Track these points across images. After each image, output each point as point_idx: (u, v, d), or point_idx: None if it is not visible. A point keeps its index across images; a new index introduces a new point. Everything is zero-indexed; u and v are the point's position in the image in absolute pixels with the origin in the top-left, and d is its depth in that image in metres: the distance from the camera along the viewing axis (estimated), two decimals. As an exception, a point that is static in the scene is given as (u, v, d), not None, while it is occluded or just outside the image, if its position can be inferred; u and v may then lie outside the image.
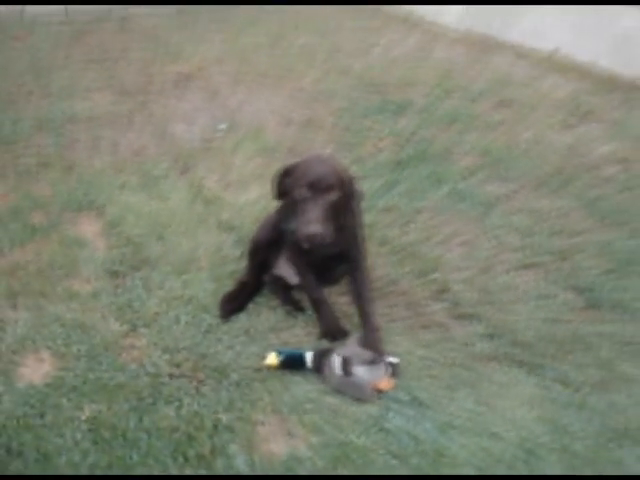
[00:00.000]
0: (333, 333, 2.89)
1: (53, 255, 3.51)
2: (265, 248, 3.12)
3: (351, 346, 2.72)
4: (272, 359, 2.74)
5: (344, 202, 2.64)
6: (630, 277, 3.35)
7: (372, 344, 2.71)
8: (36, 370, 2.76)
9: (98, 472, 2.30)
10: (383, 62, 6.67)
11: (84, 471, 2.30)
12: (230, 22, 8.04)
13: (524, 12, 7.16)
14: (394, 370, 2.65)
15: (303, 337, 2.94)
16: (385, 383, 2.64)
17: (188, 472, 2.29)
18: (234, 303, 3.10)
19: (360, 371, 2.61)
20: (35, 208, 3.95)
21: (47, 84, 5.85)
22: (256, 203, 3.93)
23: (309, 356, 2.74)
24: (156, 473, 2.29)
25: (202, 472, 2.30)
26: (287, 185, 2.66)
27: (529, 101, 5.58)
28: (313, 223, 2.49)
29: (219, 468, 2.30)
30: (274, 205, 3.05)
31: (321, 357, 2.71)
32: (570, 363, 2.81)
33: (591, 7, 6.48)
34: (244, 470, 2.30)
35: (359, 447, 2.39)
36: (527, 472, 2.29)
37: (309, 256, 2.92)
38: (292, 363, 2.74)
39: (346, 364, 2.61)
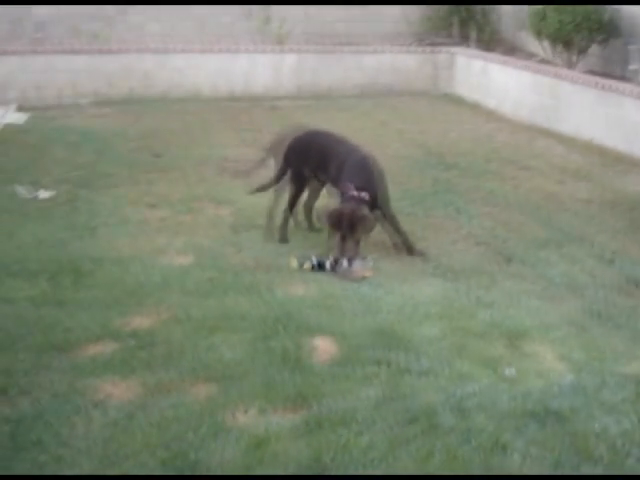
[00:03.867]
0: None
1: (202, 219, 6.06)
2: None
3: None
4: (307, 265, 5.07)
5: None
6: (539, 251, 5.44)
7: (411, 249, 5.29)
8: (181, 260, 5.23)
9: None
10: (453, 141, 9.01)
11: (203, 299, 4.69)
12: (350, 112, 10.67)
13: (571, 108, 9.31)
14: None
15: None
16: (368, 272, 4.93)
17: (250, 297, 4.62)
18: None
19: (356, 264, 4.91)
20: (194, 200, 6.55)
21: (210, 141, 8.66)
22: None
23: (328, 263, 5.06)
24: (230, 295, 4.64)
25: (256, 298, 4.62)
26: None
27: (543, 168, 7.73)
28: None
29: (266, 296, 4.62)
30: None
31: (335, 261, 5.01)
32: (474, 279, 4.95)
33: (618, 100, 8.50)
34: (280, 296, 4.60)
35: (340, 294, 4.66)
36: (414, 308, 4.47)
37: None
38: (318, 267, 5.07)
39: (349, 260, 4.92)
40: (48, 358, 3.86)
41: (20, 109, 10.39)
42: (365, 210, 5.05)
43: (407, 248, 5.37)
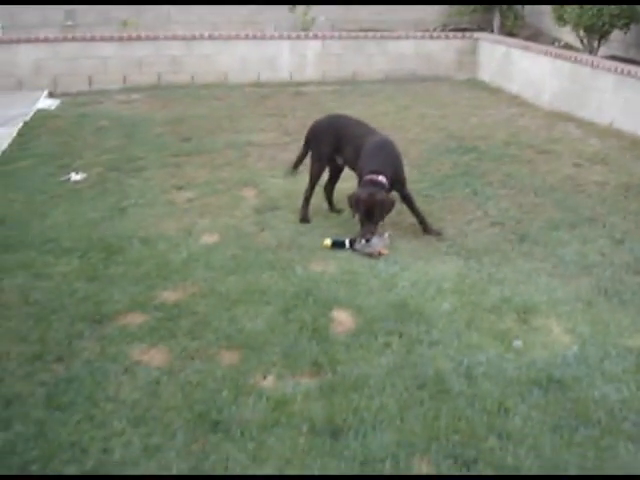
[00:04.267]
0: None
1: (227, 201, 6.29)
2: None
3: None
4: (327, 242, 5.28)
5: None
6: (552, 231, 5.59)
7: (427, 229, 5.48)
8: (208, 239, 5.46)
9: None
10: (473, 125, 9.15)
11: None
12: (373, 97, 10.85)
13: (591, 93, 9.40)
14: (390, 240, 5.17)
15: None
16: (385, 250, 5.13)
17: (271, 273, 4.85)
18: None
19: (374, 240, 5.11)
20: (219, 182, 6.78)
21: (236, 125, 8.87)
22: (350, 189, 6.47)
23: (347, 241, 5.27)
24: (253, 272, 4.87)
25: (277, 274, 4.84)
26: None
27: (562, 151, 7.84)
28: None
29: (286, 272, 4.84)
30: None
31: (353, 239, 5.22)
32: (487, 257, 5.13)
33: (637, 84, 8.57)
34: (300, 272, 4.82)
35: (357, 270, 4.87)
36: (427, 284, 4.66)
37: None
38: (338, 245, 5.28)
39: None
40: (81, 328, 4.13)
41: (51, 95, 10.73)
42: (383, 194, 5.23)
43: (423, 227, 5.55)
